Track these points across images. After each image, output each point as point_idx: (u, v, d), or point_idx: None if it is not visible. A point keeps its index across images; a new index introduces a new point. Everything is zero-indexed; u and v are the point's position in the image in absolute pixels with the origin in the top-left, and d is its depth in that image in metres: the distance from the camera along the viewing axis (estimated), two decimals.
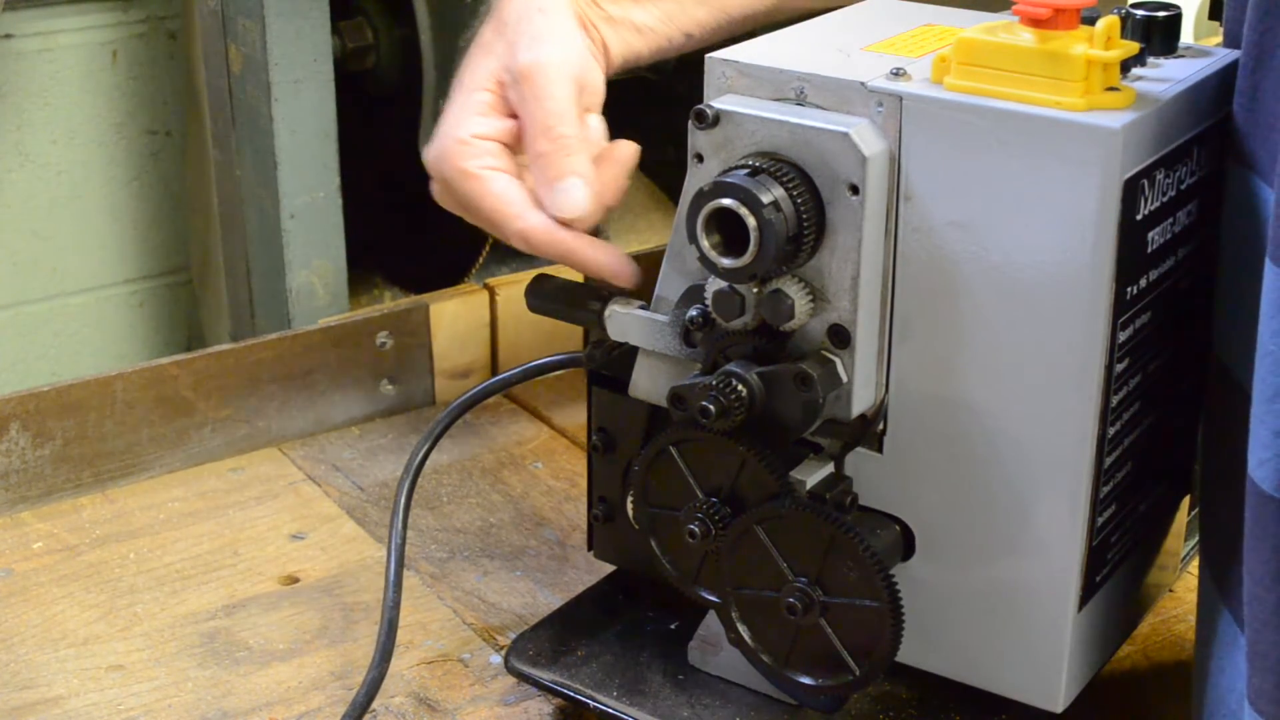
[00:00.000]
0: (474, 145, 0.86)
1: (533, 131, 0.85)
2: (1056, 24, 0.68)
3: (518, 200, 0.85)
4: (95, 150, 1.64)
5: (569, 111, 0.84)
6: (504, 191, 0.85)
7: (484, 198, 0.86)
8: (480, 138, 0.86)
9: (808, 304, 0.72)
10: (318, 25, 1.35)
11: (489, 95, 0.87)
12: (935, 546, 0.76)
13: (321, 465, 1.10)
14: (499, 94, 0.87)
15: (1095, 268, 0.68)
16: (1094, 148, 0.67)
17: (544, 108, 0.84)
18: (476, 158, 0.86)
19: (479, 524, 1.04)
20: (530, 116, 0.85)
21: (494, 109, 0.87)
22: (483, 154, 0.86)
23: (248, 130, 1.40)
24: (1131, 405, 0.74)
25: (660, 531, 0.79)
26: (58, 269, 1.66)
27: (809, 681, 0.76)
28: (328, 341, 1.13)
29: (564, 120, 0.84)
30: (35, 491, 1.04)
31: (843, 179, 0.70)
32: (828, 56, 0.75)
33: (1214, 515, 0.75)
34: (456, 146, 0.86)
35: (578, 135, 0.84)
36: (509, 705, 0.86)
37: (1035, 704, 0.76)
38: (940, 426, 0.74)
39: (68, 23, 1.59)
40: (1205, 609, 0.76)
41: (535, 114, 0.85)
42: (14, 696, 0.87)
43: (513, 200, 0.85)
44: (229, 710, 0.86)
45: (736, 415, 0.72)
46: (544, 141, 0.84)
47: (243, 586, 0.97)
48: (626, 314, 0.80)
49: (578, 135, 0.84)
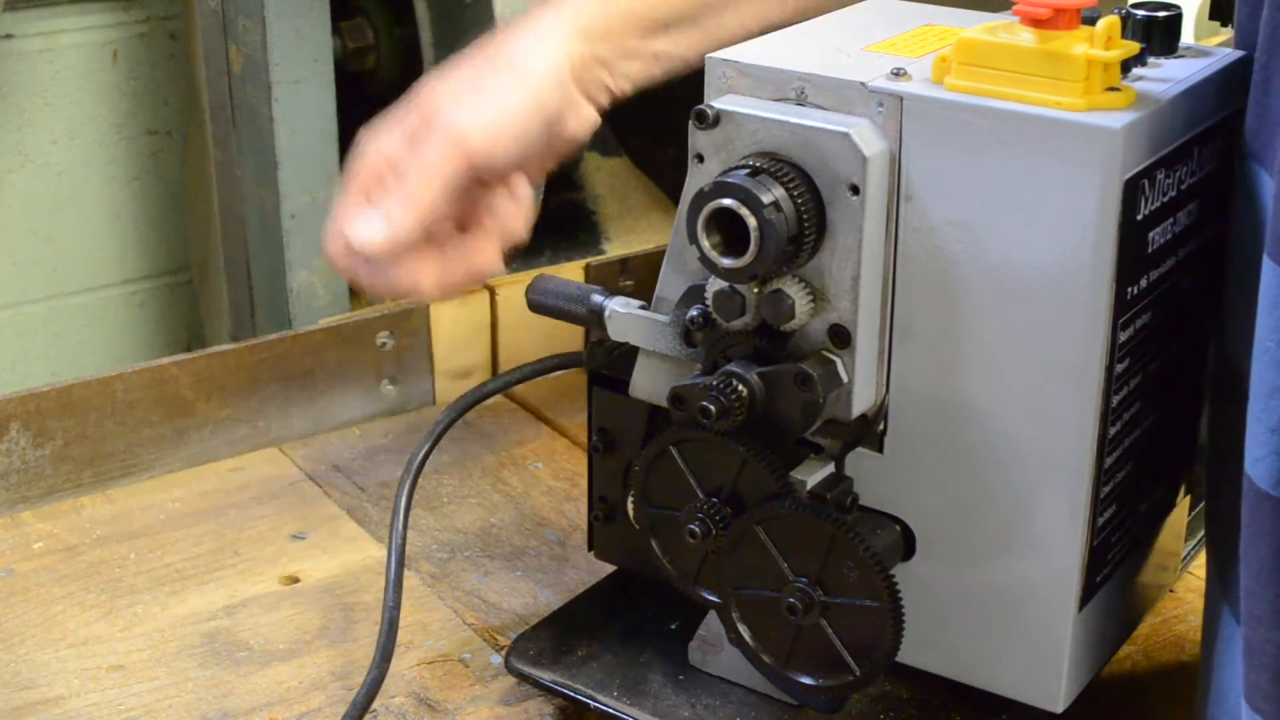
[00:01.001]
0: (369, 152, 0.85)
1: (402, 166, 0.84)
2: (1057, 24, 0.68)
3: (341, 213, 0.85)
4: (95, 150, 1.63)
5: (436, 178, 0.83)
6: (343, 199, 0.85)
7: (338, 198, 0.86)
8: (378, 150, 0.85)
9: (808, 304, 0.72)
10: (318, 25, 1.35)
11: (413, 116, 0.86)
12: (935, 546, 0.76)
13: (321, 465, 1.10)
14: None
15: (1095, 268, 0.68)
16: (1094, 148, 0.67)
17: (421, 160, 0.83)
18: (361, 159, 0.86)
19: (479, 524, 1.04)
20: (413, 157, 0.84)
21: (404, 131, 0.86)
22: (366, 161, 0.86)
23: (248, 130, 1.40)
24: (1131, 405, 0.74)
25: (660, 531, 0.79)
26: (58, 269, 1.65)
27: (809, 681, 0.76)
28: (328, 341, 1.13)
29: (426, 181, 0.83)
30: (35, 491, 1.04)
31: (843, 179, 0.70)
32: (828, 56, 0.75)
33: (1219, 511, 0.75)
34: (363, 143, 0.86)
35: (427, 198, 0.83)
36: (509, 705, 0.86)
37: (1035, 704, 0.76)
38: (940, 426, 0.74)
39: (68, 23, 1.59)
40: (1210, 605, 0.76)
41: (413, 159, 0.84)
42: (14, 696, 0.87)
43: (340, 212, 0.85)
44: (229, 710, 0.86)
45: (737, 415, 0.72)
46: (393, 178, 0.84)
47: (243, 586, 0.97)
48: (627, 314, 0.80)
49: (427, 198, 0.83)
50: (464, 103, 0.84)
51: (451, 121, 0.83)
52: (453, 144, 0.83)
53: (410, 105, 0.86)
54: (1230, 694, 0.72)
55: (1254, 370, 0.65)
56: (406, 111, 0.86)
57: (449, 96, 0.85)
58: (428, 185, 0.83)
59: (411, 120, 0.85)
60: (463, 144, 0.83)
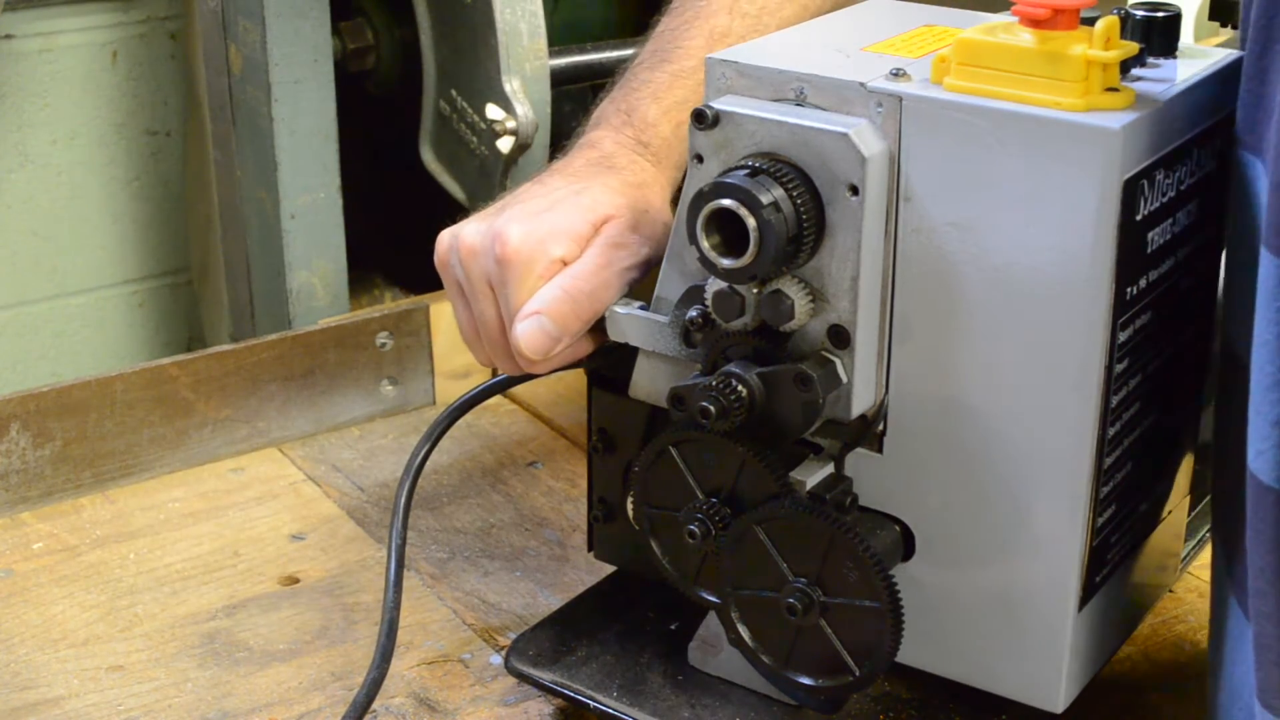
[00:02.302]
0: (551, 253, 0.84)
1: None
2: (1056, 24, 0.68)
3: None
4: (95, 150, 1.63)
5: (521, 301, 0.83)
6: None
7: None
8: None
9: (808, 304, 0.72)
10: (318, 25, 1.35)
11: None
12: (935, 546, 0.76)
13: (321, 465, 1.10)
14: None
15: (1095, 268, 0.68)
16: (1094, 148, 0.67)
17: (508, 291, 0.84)
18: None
19: (479, 524, 1.04)
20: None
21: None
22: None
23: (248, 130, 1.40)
24: (1131, 405, 0.74)
25: (660, 532, 0.79)
26: (58, 269, 1.65)
27: (809, 682, 0.76)
28: (328, 342, 1.13)
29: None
30: (35, 492, 1.04)
31: (842, 179, 0.70)
32: (828, 57, 0.75)
33: (1226, 507, 0.75)
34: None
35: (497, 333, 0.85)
36: (509, 706, 0.86)
37: (1035, 704, 0.76)
38: (940, 427, 0.74)
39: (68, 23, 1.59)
40: (1219, 603, 0.75)
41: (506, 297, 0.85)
42: (14, 697, 0.87)
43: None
44: (229, 711, 0.86)
45: (736, 416, 0.72)
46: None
47: (243, 587, 0.97)
48: (626, 314, 0.80)
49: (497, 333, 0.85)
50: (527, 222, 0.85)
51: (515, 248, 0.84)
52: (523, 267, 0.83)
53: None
54: (1245, 691, 0.71)
55: (1253, 362, 0.65)
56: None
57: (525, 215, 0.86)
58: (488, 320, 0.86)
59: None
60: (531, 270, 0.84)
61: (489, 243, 0.84)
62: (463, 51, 1.33)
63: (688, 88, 0.91)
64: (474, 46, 1.31)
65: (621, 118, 0.91)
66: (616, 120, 0.91)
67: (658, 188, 0.89)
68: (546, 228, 0.83)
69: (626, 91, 0.92)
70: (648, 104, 0.90)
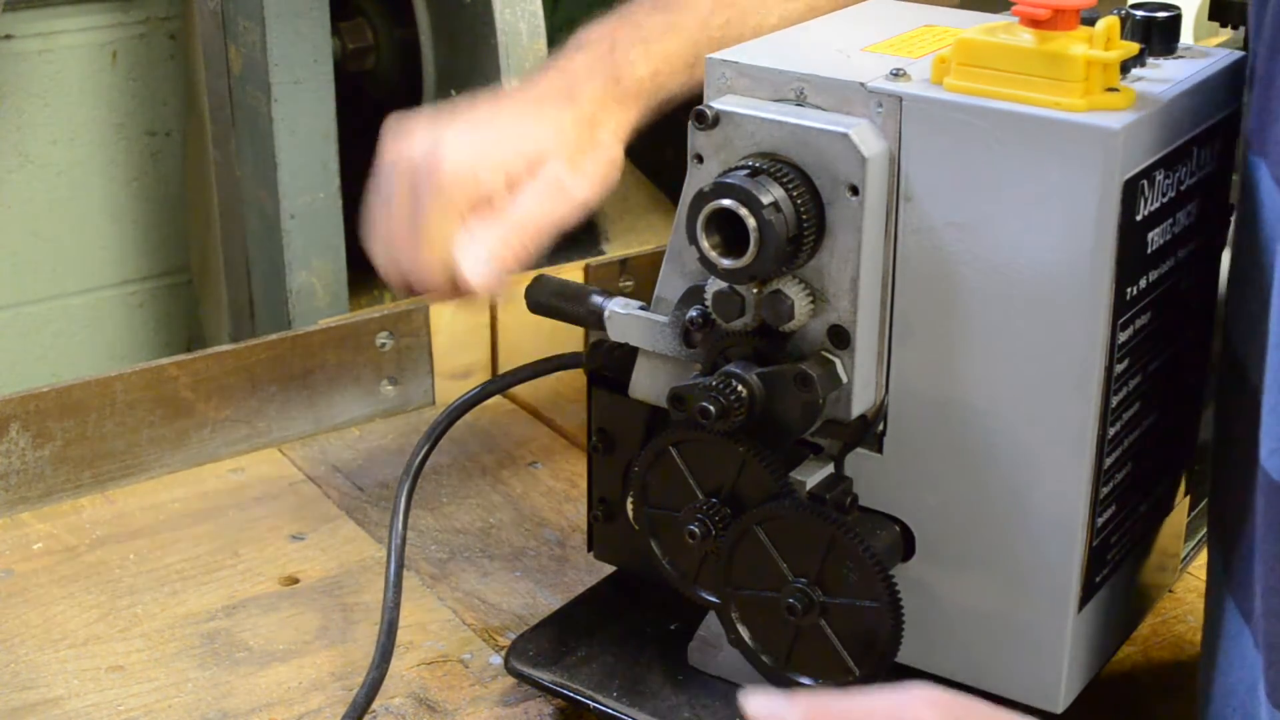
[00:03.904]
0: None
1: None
2: (1056, 24, 0.68)
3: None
4: (95, 151, 1.64)
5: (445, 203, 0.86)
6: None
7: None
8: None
9: (808, 304, 0.72)
10: (318, 25, 1.35)
11: None
12: (935, 546, 0.76)
13: (321, 465, 1.10)
14: None
15: (1095, 268, 0.68)
16: (1094, 148, 0.67)
17: (422, 205, 0.86)
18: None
19: (479, 524, 1.04)
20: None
21: None
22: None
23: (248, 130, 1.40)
24: (1131, 405, 0.74)
25: (660, 532, 0.79)
26: (58, 269, 1.66)
27: (809, 682, 0.76)
28: (328, 342, 1.13)
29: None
30: (35, 492, 1.04)
31: (842, 180, 0.70)
32: (827, 57, 0.75)
33: (1224, 507, 0.75)
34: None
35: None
36: (509, 706, 0.86)
37: (1035, 704, 0.76)
38: (940, 427, 0.74)
39: (68, 23, 1.59)
40: (1214, 603, 0.75)
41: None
42: (14, 697, 0.87)
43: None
44: (229, 711, 0.86)
45: (736, 416, 0.72)
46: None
47: (243, 587, 0.97)
48: (626, 314, 0.80)
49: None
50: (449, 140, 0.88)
51: (433, 154, 0.87)
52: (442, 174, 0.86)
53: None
54: (1240, 690, 0.71)
55: (1268, 363, 0.64)
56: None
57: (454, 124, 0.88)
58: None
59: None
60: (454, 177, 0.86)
61: (423, 159, 0.86)
62: (462, 51, 1.33)
63: (679, 41, 0.91)
64: (474, 46, 1.31)
65: (605, 47, 0.91)
66: (600, 48, 0.91)
67: (614, 125, 0.89)
68: (481, 154, 0.86)
69: (621, 23, 0.92)
70: (636, 47, 0.90)
